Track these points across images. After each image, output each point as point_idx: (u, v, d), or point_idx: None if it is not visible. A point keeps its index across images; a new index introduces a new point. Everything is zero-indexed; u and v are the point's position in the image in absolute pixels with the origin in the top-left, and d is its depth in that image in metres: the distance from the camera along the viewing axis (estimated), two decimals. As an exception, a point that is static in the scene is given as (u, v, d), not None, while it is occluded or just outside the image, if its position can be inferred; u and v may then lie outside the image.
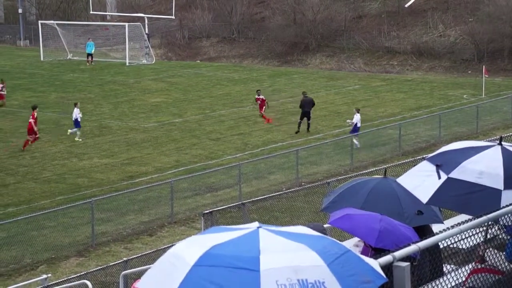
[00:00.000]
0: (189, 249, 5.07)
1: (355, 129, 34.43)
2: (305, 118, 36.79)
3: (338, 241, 5.36)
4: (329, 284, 4.81)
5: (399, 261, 5.47)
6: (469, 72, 57.24)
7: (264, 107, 39.01)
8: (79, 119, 35.62)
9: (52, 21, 69.18)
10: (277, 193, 25.26)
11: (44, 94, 47.89)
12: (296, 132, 36.33)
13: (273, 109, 42.38)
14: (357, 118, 34.61)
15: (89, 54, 62.13)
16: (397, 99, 46.07)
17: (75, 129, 35.59)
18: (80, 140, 35.07)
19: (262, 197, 24.23)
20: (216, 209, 21.80)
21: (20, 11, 79.51)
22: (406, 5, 66.47)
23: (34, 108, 34.78)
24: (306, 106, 36.76)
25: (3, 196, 27.27)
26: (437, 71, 59.15)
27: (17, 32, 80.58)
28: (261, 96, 39.40)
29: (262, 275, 4.74)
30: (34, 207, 25.80)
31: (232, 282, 4.73)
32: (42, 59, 64.24)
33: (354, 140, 32.97)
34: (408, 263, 5.52)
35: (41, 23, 66.88)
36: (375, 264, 5.18)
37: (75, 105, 36.76)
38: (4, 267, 21.46)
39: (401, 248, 5.60)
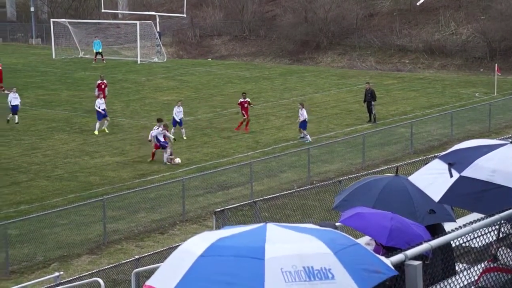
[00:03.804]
0: (196, 243, 5.12)
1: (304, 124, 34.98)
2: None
3: (347, 235, 5.36)
4: (336, 271, 4.79)
5: (411, 259, 5.46)
6: (481, 70, 57.03)
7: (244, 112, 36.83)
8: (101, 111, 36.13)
9: (64, 20, 69.37)
10: (289, 192, 25.25)
11: (56, 92, 48.03)
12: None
13: (284, 107, 42.40)
14: (303, 113, 35.02)
15: (98, 53, 62.24)
16: (408, 98, 45.96)
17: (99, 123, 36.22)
18: (97, 133, 35.76)
19: (273, 196, 24.23)
20: (228, 207, 21.82)
21: (32, 9, 79.75)
22: (418, 3, 66.28)
23: None
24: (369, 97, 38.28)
25: (16, 194, 27.38)
26: (449, 69, 58.97)
27: (29, 30, 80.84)
28: (247, 99, 37.29)
29: (266, 263, 4.74)
30: (46, 205, 25.89)
31: (237, 271, 4.74)
32: (54, 57, 64.43)
33: (303, 135, 34.62)
34: (420, 262, 5.51)
35: (53, 22, 67.06)
36: (387, 262, 5.18)
37: (98, 96, 37.22)
38: (17, 264, 21.55)
39: (413, 246, 5.59)
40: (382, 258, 5.19)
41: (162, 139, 31.29)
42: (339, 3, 67.70)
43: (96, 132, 35.88)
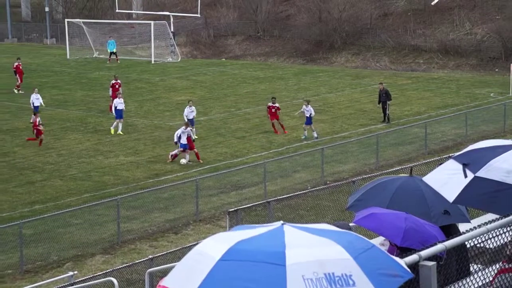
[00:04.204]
0: (214, 245, 5.07)
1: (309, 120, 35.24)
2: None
3: (363, 237, 5.33)
4: (356, 277, 4.77)
5: (425, 260, 5.43)
6: (496, 70, 56.79)
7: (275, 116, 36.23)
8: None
9: (78, 20, 69.61)
10: (302, 192, 25.22)
11: (70, 92, 48.19)
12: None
13: (298, 107, 42.31)
14: (308, 109, 35.29)
15: (112, 53, 62.39)
16: (423, 98, 45.83)
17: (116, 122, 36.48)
18: (116, 132, 35.99)
19: (287, 196, 24.21)
20: (241, 207, 21.81)
21: (46, 9, 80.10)
22: (433, 3, 66.07)
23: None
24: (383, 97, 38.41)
25: (30, 193, 27.49)
26: (464, 69, 58.75)
27: (44, 30, 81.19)
28: (276, 104, 36.61)
29: (288, 269, 4.71)
30: (61, 204, 25.98)
31: (258, 277, 4.71)
32: (68, 57, 64.66)
33: (314, 134, 34.99)
34: (434, 263, 5.48)
35: (68, 22, 67.32)
36: (402, 263, 5.15)
37: (116, 96, 37.34)
38: (31, 264, 21.63)
39: (427, 247, 5.57)
40: (398, 259, 5.16)
41: (184, 140, 31.12)
42: (354, 2, 67.60)
43: (112, 131, 35.94)
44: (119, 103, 36.60)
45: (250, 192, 27.53)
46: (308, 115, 35.30)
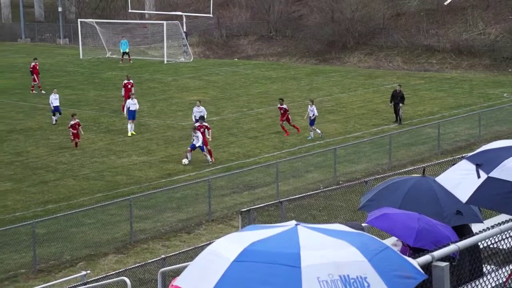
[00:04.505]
0: (228, 246, 5.07)
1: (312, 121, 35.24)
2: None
3: (377, 238, 5.33)
4: (371, 279, 4.77)
5: (438, 260, 5.43)
6: (510, 70, 56.56)
7: (285, 118, 36.02)
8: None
9: (91, 20, 69.80)
10: (315, 192, 25.19)
11: (83, 92, 48.34)
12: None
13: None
14: (312, 109, 35.21)
15: (125, 53, 62.50)
16: (436, 98, 45.71)
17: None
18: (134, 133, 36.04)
19: (299, 196, 24.19)
20: (254, 207, 21.80)
21: (60, 9, 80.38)
22: (445, 3, 65.87)
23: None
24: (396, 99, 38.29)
25: (43, 193, 27.59)
26: (477, 69, 58.54)
27: (57, 30, 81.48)
28: (284, 106, 36.56)
29: (303, 271, 4.71)
30: (74, 204, 26.06)
31: (273, 279, 4.71)
32: (81, 57, 64.85)
33: (317, 131, 35.15)
34: (447, 263, 5.47)
35: (81, 22, 67.52)
36: (414, 263, 5.15)
37: (130, 97, 37.38)
38: (44, 263, 21.71)
39: (440, 247, 5.56)
40: (411, 260, 5.16)
41: (198, 143, 31.06)
42: (366, 3, 67.48)
43: (129, 134, 35.91)
44: (131, 104, 36.61)
45: (262, 192, 27.54)
46: (311, 115, 35.21)
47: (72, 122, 33.47)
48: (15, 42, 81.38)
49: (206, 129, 31.80)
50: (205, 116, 35.61)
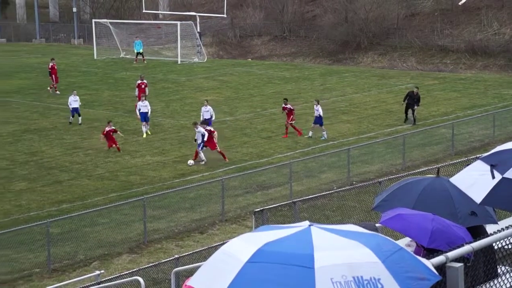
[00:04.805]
0: (241, 247, 5.06)
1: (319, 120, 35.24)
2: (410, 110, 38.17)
3: (390, 239, 5.32)
4: (385, 281, 4.75)
5: (452, 261, 5.41)
6: (524, 70, 56.31)
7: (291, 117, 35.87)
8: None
9: (105, 20, 69.98)
10: (328, 192, 25.16)
11: (97, 92, 48.48)
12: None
13: (324, 107, 42.23)
14: (317, 108, 35.18)
15: (139, 53, 62.63)
16: (450, 98, 45.57)
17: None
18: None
19: (313, 196, 24.16)
20: (267, 207, 21.80)
21: (74, 10, 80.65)
22: (460, 3, 65.65)
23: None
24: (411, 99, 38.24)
25: (58, 192, 27.69)
26: (492, 69, 58.31)
27: (72, 30, 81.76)
28: (288, 105, 36.15)
29: (317, 272, 4.71)
30: (88, 203, 26.14)
31: (287, 279, 4.71)
32: (95, 57, 65.03)
33: (310, 133, 35.14)
34: (461, 264, 5.46)
35: (95, 22, 67.69)
36: (428, 264, 5.14)
37: (141, 99, 37.29)
38: (58, 262, 21.79)
39: (454, 248, 5.55)
40: (425, 261, 5.15)
41: (199, 139, 31.09)
42: (380, 3, 67.35)
43: (144, 135, 35.84)
44: (142, 105, 36.48)
45: (276, 192, 27.53)
46: (317, 115, 35.19)
47: (108, 129, 32.71)
48: (30, 42, 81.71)
49: (211, 133, 31.58)
50: (213, 116, 35.52)
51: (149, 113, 36.71)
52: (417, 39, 63.64)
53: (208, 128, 31.85)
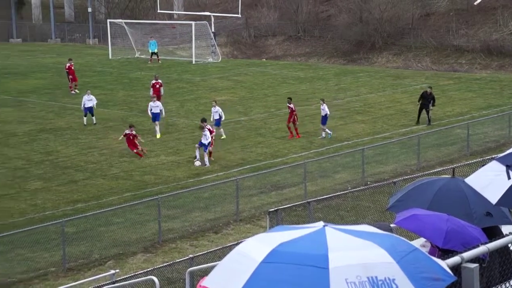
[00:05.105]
0: (256, 247, 5.07)
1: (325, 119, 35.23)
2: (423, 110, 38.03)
3: (405, 239, 5.31)
4: (400, 281, 4.75)
5: (467, 262, 5.40)
6: (540, 70, 56.01)
7: (292, 119, 35.47)
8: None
9: (120, 20, 70.19)
10: (343, 192, 25.14)
11: (112, 92, 48.62)
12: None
13: (338, 107, 42.23)
14: (323, 107, 35.20)
15: (153, 53, 62.73)
16: (465, 98, 45.40)
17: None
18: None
19: (327, 196, 24.15)
20: (282, 207, 21.82)
21: (89, 10, 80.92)
22: (475, 3, 65.40)
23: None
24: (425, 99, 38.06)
25: (73, 192, 27.81)
26: (507, 69, 58.03)
27: (87, 30, 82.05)
28: (291, 105, 35.63)
29: (331, 272, 4.71)
30: (102, 203, 26.23)
31: (301, 280, 4.71)
32: (110, 57, 65.23)
33: (327, 131, 35.20)
34: (477, 265, 5.44)
35: (110, 22, 67.89)
36: (443, 264, 5.13)
37: (152, 99, 37.28)
38: (73, 261, 21.88)
39: (469, 249, 5.53)
40: (440, 261, 5.14)
41: (203, 140, 31.07)
42: (395, 3, 67.18)
43: (157, 136, 35.79)
44: (153, 106, 36.37)
45: (290, 192, 27.53)
46: (323, 115, 35.15)
47: (127, 132, 32.13)
48: (46, 42, 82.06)
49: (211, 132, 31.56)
50: (223, 117, 35.45)
51: (163, 113, 36.65)
52: (432, 39, 63.44)
53: (208, 126, 31.93)
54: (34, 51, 72.17)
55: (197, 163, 30.95)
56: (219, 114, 35.47)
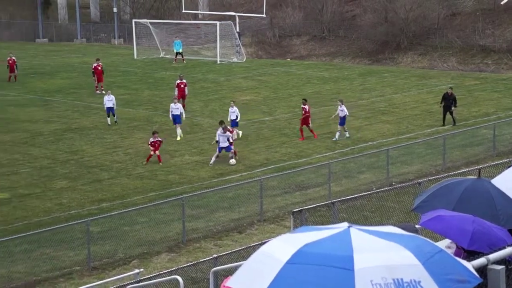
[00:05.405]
0: (280, 248, 5.06)
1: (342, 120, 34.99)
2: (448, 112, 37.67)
3: (430, 241, 5.27)
4: (425, 283, 4.72)
5: (493, 264, 5.35)
6: None
7: (305, 121, 34.88)
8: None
9: (145, 20, 70.45)
10: (367, 193, 25.03)
11: (137, 92, 48.82)
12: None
13: (363, 108, 42.10)
14: (342, 108, 35.00)
15: (178, 53, 62.87)
16: (491, 99, 45.06)
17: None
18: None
19: (351, 197, 24.05)
20: (306, 207, 21.75)
21: (115, 10, 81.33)
22: (502, 3, 64.90)
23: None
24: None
25: (98, 191, 27.94)
26: (534, 69, 57.55)
27: (112, 30, 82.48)
28: (306, 106, 35.22)
29: (356, 274, 4.69)
30: (127, 202, 26.33)
31: (326, 281, 4.69)
32: (135, 57, 65.49)
33: (346, 134, 34.87)
34: (503, 266, 5.39)
35: (135, 22, 68.16)
36: (469, 266, 5.09)
37: (173, 101, 37.21)
38: (98, 261, 21.97)
39: (495, 250, 5.48)
40: (466, 263, 5.10)
41: (222, 142, 31.05)
42: (421, 2, 66.88)
43: (178, 138, 35.63)
44: (174, 108, 36.05)
45: (314, 193, 27.48)
46: (342, 116, 34.96)
47: (152, 140, 31.56)
48: (71, 42, 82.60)
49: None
50: (238, 117, 35.37)
51: (183, 116, 36.33)
52: (458, 39, 63.06)
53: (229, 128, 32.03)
54: (60, 51, 72.68)
55: (232, 161, 31.00)
56: (236, 115, 35.44)
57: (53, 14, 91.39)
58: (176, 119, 36.04)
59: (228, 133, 31.34)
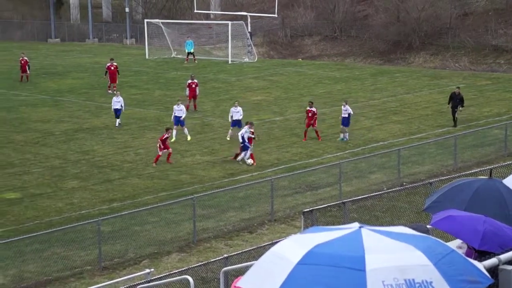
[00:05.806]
0: (292, 248, 5.04)
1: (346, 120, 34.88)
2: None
3: (442, 241, 5.24)
4: (437, 284, 4.70)
5: (505, 264, 5.32)
6: None
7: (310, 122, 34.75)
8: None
9: (157, 20, 70.57)
10: (378, 193, 24.98)
11: (148, 92, 48.90)
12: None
13: (375, 108, 42.02)
14: (346, 108, 34.87)
15: (190, 53, 62.91)
16: (503, 99, 44.89)
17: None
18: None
19: (362, 197, 24.02)
20: (316, 207, 21.73)
21: (127, 10, 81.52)
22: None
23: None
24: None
25: (109, 191, 27.98)
26: (546, 69, 57.31)
27: (124, 30, 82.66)
28: (313, 109, 35.10)
29: (368, 275, 4.67)
30: (138, 202, 26.36)
31: (338, 282, 4.67)
32: (147, 57, 65.61)
33: (345, 135, 34.69)
34: (514, 267, 5.36)
35: (147, 22, 68.28)
36: (480, 266, 5.06)
37: (177, 102, 37.08)
38: (109, 260, 22.00)
39: (507, 250, 5.45)
40: (477, 263, 5.07)
41: (247, 140, 31.09)
42: (433, 2, 66.72)
43: (188, 138, 35.42)
44: (177, 110, 35.66)
45: (325, 193, 27.44)
46: (346, 116, 34.83)
47: (166, 135, 31.45)
48: (83, 42, 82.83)
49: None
50: (242, 118, 35.30)
51: (183, 117, 35.92)
52: (470, 39, 62.86)
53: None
54: (72, 51, 72.89)
55: (249, 161, 31.00)
56: (240, 114, 35.34)
57: (65, 14, 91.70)
58: (180, 121, 35.75)
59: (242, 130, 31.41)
